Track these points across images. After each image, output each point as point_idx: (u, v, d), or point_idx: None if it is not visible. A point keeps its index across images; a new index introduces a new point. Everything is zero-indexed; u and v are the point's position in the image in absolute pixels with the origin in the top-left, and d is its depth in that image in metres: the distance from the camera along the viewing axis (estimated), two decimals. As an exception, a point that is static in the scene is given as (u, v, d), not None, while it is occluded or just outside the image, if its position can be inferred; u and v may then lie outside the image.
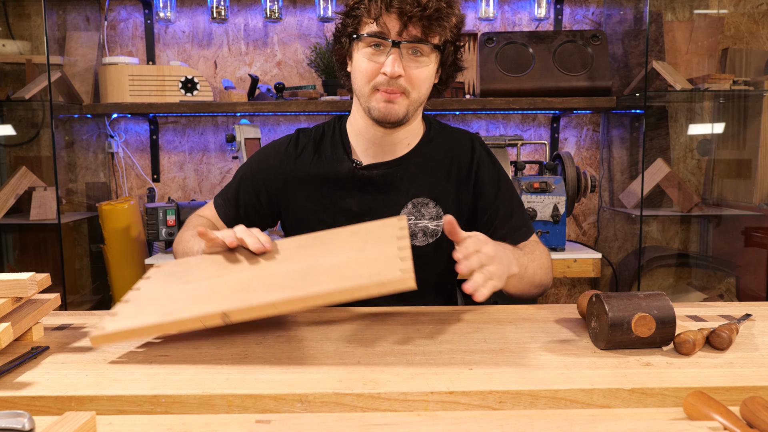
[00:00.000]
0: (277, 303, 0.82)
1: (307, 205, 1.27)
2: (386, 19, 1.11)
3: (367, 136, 1.25)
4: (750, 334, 0.95)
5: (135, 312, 0.89)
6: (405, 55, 1.13)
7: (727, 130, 2.57)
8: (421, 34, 1.12)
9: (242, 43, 2.66)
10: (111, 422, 0.70)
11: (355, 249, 0.93)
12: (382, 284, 0.79)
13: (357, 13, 1.14)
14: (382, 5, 1.10)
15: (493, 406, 0.73)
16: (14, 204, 2.33)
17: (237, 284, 0.91)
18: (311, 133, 1.32)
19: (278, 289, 0.85)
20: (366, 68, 1.15)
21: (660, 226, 2.68)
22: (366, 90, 1.16)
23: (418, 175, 1.26)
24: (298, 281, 0.87)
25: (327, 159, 1.28)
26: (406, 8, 1.09)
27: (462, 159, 1.28)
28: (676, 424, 0.64)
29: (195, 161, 2.71)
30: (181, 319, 0.83)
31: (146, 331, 0.84)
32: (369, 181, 1.25)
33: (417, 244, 1.26)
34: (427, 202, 1.26)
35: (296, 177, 1.28)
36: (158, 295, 0.94)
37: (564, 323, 1.01)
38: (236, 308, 0.82)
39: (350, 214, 1.25)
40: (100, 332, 0.84)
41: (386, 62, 1.12)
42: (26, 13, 2.51)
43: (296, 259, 0.96)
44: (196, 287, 0.93)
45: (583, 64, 2.38)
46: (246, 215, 1.32)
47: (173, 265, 1.06)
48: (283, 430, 0.64)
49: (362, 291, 0.80)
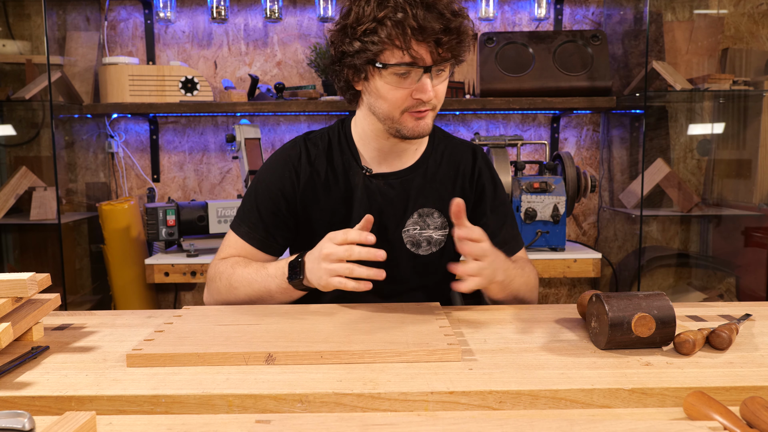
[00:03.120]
0: (324, 353, 0.84)
1: (320, 216, 1.25)
2: (417, 48, 1.07)
3: (377, 145, 1.23)
4: (750, 334, 0.95)
5: (173, 340, 0.89)
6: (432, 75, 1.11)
7: (727, 130, 2.57)
8: (450, 54, 1.10)
9: (242, 43, 2.66)
10: (111, 422, 0.70)
11: (395, 321, 0.98)
12: (431, 352, 0.84)
13: (374, 39, 1.07)
14: (411, 36, 1.05)
15: (493, 406, 0.73)
16: (14, 204, 2.33)
17: (278, 333, 0.93)
18: (319, 143, 1.27)
19: (323, 342, 0.88)
20: (396, 96, 1.11)
21: (660, 226, 2.68)
22: (396, 115, 1.14)
23: (424, 185, 1.26)
24: (343, 338, 0.89)
25: (339, 170, 1.25)
26: (442, 39, 1.06)
27: (465, 170, 1.29)
28: (676, 424, 0.64)
29: (195, 161, 2.71)
30: (225, 353, 0.83)
31: (186, 358, 0.83)
32: (378, 190, 1.24)
33: (421, 253, 1.26)
34: (432, 212, 1.26)
35: (313, 190, 1.25)
36: (195, 330, 0.94)
37: (564, 323, 1.01)
38: (282, 351, 0.84)
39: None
40: (137, 353, 0.84)
41: (421, 89, 1.09)
42: (26, 13, 2.51)
43: (335, 321, 0.99)
44: (236, 330, 0.94)
45: (583, 64, 2.38)
46: (277, 232, 1.26)
47: (205, 309, 1.08)
48: (283, 430, 0.64)
49: (411, 355, 0.84)
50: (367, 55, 1.09)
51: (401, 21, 1.04)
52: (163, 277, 2.20)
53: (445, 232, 1.27)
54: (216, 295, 1.21)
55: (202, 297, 2.73)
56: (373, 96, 1.15)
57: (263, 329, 0.94)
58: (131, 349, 0.84)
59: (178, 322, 0.98)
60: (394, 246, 1.25)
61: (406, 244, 1.25)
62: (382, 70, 1.10)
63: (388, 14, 1.05)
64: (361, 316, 1.01)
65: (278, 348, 0.85)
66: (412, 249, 1.26)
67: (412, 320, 0.98)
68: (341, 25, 1.12)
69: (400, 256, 1.26)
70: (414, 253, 1.26)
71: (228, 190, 2.73)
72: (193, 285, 2.74)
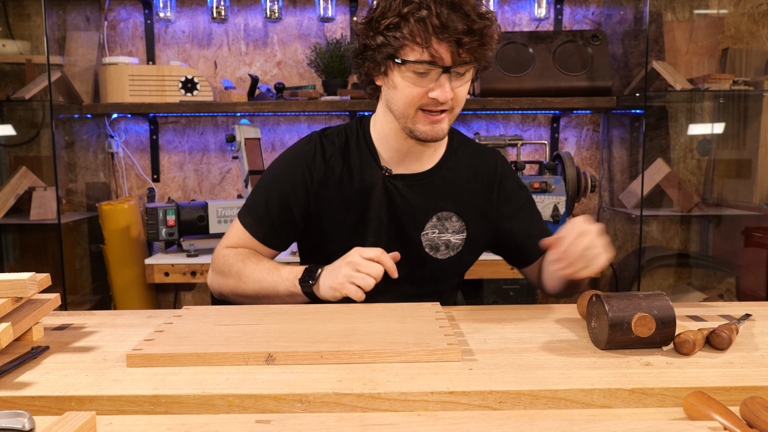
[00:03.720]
0: (324, 353, 0.83)
1: (338, 216, 1.24)
2: (437, 46, 1.06)
3: (396, 145, 1.22)
4: (750, 334, 0.95)
5: (172, 341, 0.89)
6: (452, 76, 1.10)
7: (727, 130, 2.57)
8: (472, 57, 1.09)
9: (242, 43, 2.66)
10: (111, 422, 0.70)
11: (395, 321, 0.97)
12: (431, 352, 0.84)
13: (397, 35, 1.07)
14: (432, 34, 1.04)
15: (493, 406, 0.73)
16: (14, 204, 2.33)
17: (278, 333, 0.93)
18: (335, 140, 1.26)
19: (322, 342, 0.88)
20: (412, 93, 1.11)
21: (660, 226, 2.68)
22: (410, 112, 1.13)
23: (443, 189, 1.25)
24: (343, 338, 0.89)
25: (356, 168, 1.23)
26: (462, 39, 1.05)
27: (486, 174, 1.28)
28: (676, 424, 0.64)
29: (195, 161, 2.71)
30: (225, 353, 0.83)
31: (186, 358, 0.83)
32: (397, 192, 1.23)
33: (439, 257, 1.26)
34: (450, 216, 1.25)
35: (327, 189, 1.23)
36: (195, 330, 0.94)
37: (564, 323, 1.01)
38: (282, 351, 0.83)
39: (380, 224, 1.23)
40: (137, 353, 0.84)
41: (438, 89, 1.09)
42: (26, 13, 2.51)
43: (335, 321, 0.99)
44: (236, 330, 0.94)
45: (583, 64, 2.38)
46: (282, 229, 1.26)
47: (205, 309, 1.08)
48: (283, 430, 0.63)
49: (411, 355, 0.84)
50: (388, 50, 1.10)
51: (424, 18, 1.04)
52: (163, 277, 2.20)
53: (463, 236, 1.26)
54: (223, 284, 1.23)
55: (202, 297, 2.74)
56: (390, 92, 1.15)
57: (263, 329, 0.94)
58: (131, 349, 0.84)
59: (178, 322, 0.98)
60: (413, 249, 1.24)
61: (425, 248, 1.25)
62: (402, 66, 1.10)
63: (412, 10, 1.06)
64: (362, 317, 1.01)
65: (278, 348, 0.85)
66: (431, 253, 1.25)
67: (412, 320, 0.98)
68: (368, 18, 1.13)
69: (419, 260, 1.25)
70: (432, 257, 1.25)
71: (228, 190, 2.73)
72: (193, 285, 2.74)
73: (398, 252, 1.15)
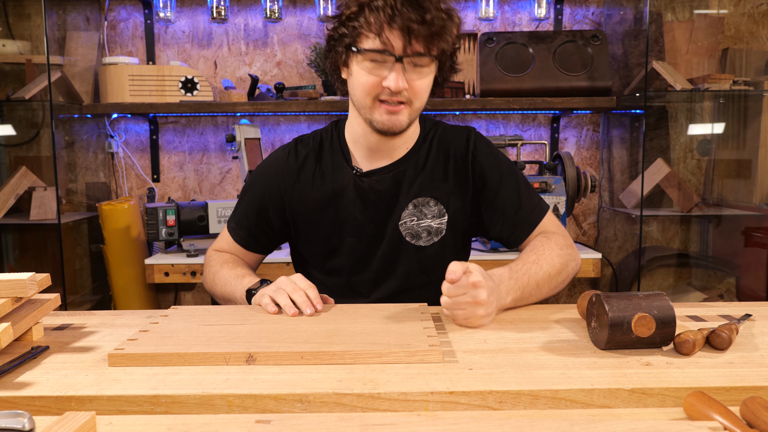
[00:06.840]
0: (304, 354, 0.84)
1: (313, 218, 1.26)
2: (389, 35, 1.08)
3: (366, 143, 1.23)
4: (750, 334, 0.95)
5: (156, 340, 0.89)
6: (407, 68, 1.11)
7: (727, 130, 2.57)
8: (424, 48, 1.09)
9: (242, 43, 2.66)
10: (111, 422, 0.70)
11: (379, 322, 0.98)
12: (411, 353, 0.83)
13: (355, 24, 1.10)
14: (384, 21, 1.07)
15: (493, 406, 0.73)
16: (14, 204, 2.33)
17: (261, 333, 0.93)
18: (309, 142, 1.29)
19: (304, 342, 0.88)
20: (367, 82, 1.12)
21: (660, 226, 2.68)
22: (367, 102, 1.14)
23: (416, 175, 1.25)
24: (325, 339, 0.89)
25: (328, 170, 1.26)
26: (412, 26, 1.06)
27: (457, 153, 1.26)
28: (676, 424, 0.64)
29: (195, 161, 2.71)
30: (206, 353, 0.83)
31: (167, 358, 0.84)
32: (370, 188, 1.24)
33: (422, 244, 1.25)
34: (427, 201, 1.25)
35: (300, 191, 1.26)
36: (179, 330, 0.94)
37: (564, 323, 1.01)
38: (263, 352, 0.84)
39: (356, 223, 1.24)
40: (119, 352, 0.84)
41: (390, 78, 1.10)
42: (26, 13, 2.51)
43: (320, 321, 0.99)
44: (219, 330, 0.95)
45: (583, 64, 2.38)
46: (260, 234, 1.31)
47: (192, 309, 1.09)
48: (283, 430, 0.63)
49: (391, 356, 0.84)
50: (347, 40, 1.13)
51: (379, 7, 1.07)
52: (163, 277, 2.20)
53: (444, 220, 1.25)
54: (207, 285, 1.31)
55: (202, 297, 2.74)
56: (351, 82, 1.18)
57: (246, 329, 0.95)
58: (113, 349, 0.85)
59: (164, 322, 0.99)
60: (393, 241, 1.25)
61: (405, 237, 1.25)
62: (359, 55, 1.12)
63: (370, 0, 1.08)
64: (347, 317, 1.01)
65: (259, 348, 0.84)
66: (412, 241, 1.25)
67: (396, 321, 0.98)
68: (336, 13, 1.16)
69: (402, 251, 1.25)
70: (416, 246, 1.25)
71: (228, 190, 2.73)
72: (193, 285, 2.74)
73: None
